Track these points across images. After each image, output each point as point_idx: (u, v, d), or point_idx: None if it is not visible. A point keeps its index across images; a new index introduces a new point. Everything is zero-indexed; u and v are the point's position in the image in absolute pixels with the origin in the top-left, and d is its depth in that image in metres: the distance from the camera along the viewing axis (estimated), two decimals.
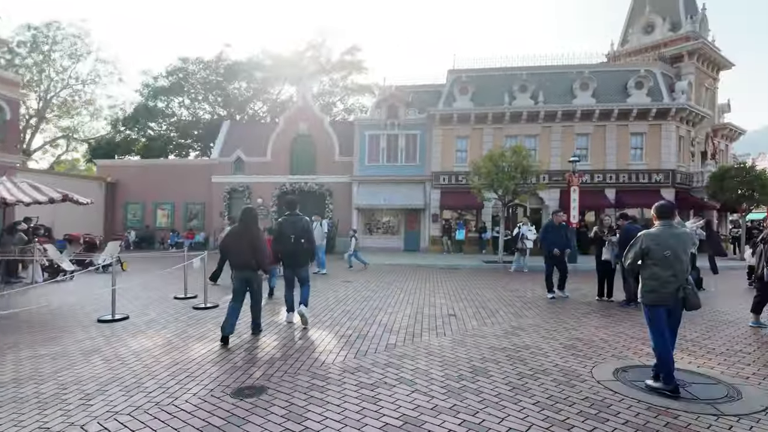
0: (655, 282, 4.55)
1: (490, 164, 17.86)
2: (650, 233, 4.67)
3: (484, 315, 8.24)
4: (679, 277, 4.50)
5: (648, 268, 4.62)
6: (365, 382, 4.69)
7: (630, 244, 4.84)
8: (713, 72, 27.35)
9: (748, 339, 6.61)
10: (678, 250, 4.55)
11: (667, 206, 4.83)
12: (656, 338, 4.58)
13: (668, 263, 4.49)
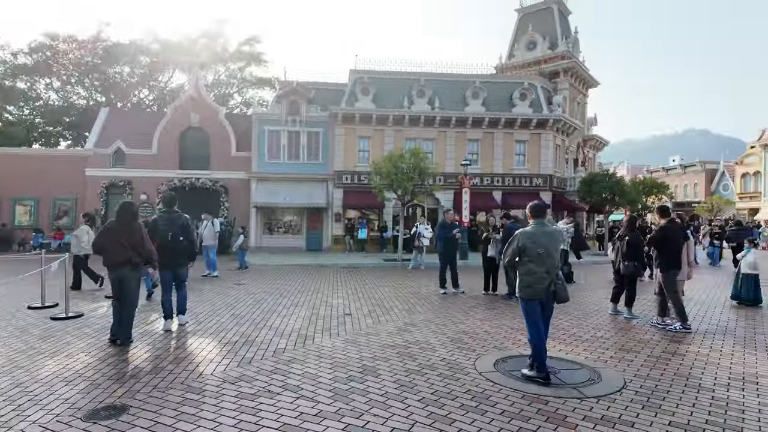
0: (530, 278, 4.86)
1: (390, 165, 18.20)
2: (526, 232, 4.98)
3: (380, 313, 8.27)
4: (551, 272, 4.85)
5: (524, 264, 4.92)
6: (246, 393, 4.36)
7: (508, 242, 5.12)
8: (583, 89, 30.92)
9: (608, 326, 7.43)
10: (550, 248, 4.91)
11: (540, 206, 5.19)
12: (531, 330, 4.90)
13: (542, 260, 4.83)
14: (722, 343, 6.39)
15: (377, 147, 23.67)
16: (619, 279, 8.45)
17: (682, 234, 7.63)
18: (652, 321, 7.57)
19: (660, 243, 7.38)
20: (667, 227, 7.45)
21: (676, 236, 7.44)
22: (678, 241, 7.44)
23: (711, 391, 4.53)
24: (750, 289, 9.18)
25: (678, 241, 7.44)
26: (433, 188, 19.72)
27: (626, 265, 8.03)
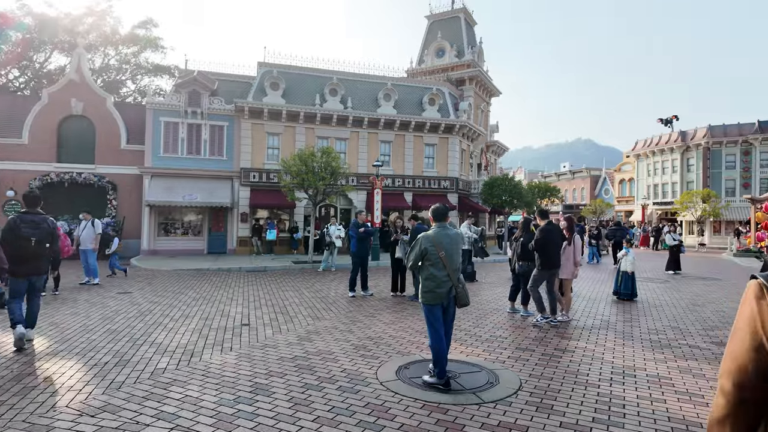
0: (432, 282, 4.75)
1: (300, 163, 17.57)
2: (428, 235, 4.87)
3: (282, 321, 7.76)
4: (452, 276, 4.78)
5: (426, 269, 4.80)
6: (108, 427, 3.68)
7: (411, 246, 4.97)
8: (487, 97, 32.68)
9: (506, 325, 7.68)
10: (452, 251, 4.84)
11: (441, 209, 5.12)
12: (432, 335, 4.79)
13: (443, 264, 4.74)
14: (605, 337, 6.87)
15: (288, 144, 22.83)
16: (515, 278, 8.86)
17: (560, 235, 8.10)
18: (542, 318, 7.96)
19: (541, 244, 7.79)
20: (546, 229, 7.86)
21: (555, 237, 7.85)
22: (556, 241, 7.87)
23: (597, 387, 4.75)
24: (628, 285, 10.14)
25: (556, 241, 7.87)
26: (345, 188, 19.44)
27: (521, 264, 8.43)
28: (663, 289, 11.92)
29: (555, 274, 7.90)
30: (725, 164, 39.05)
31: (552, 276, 7.86)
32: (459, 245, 4.98)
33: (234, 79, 23.69)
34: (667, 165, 43.44)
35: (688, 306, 9.52)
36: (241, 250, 22.22)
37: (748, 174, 38.08)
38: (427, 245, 4.77)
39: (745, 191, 36.79)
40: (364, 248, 10.57)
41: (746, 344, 1.13)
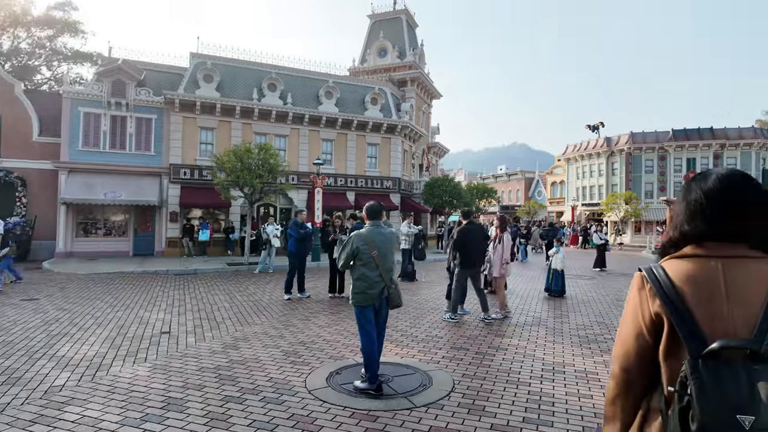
0: (363, 283, 4.54)
1: (235, 160, 16.76)
2: (360, 234, 4.65)
3: (207, 328, 7.22)
4: (385, 277, 4.60)
5: (357, 269, 4.59)
6: None
7: (343, 245, 4.73)
8: (428, 99, 33.14)
9: (442, 323, 7.63)
10: (385, 251, 4.66)
11: (375, 207, 4.92)
12: (364, 338, 4.57)
13: (375, 264, 4.54)
14: (537, 333, 7.00)
15: (223, 140, 21.75)
16: (452, 277, 8.89)
17: (482, 235, 8.18)
18: (480, 316, 8.02)
19: (459, 243, 7.84)
20: (466, 229, 7.91)
21: (474, 237, 7.87)
22: (476, 241, 7.90)
23: (527, 386, 4.75)
24: (558, 282, 10.52)
25: (476, 241, 7.90)
26: (283, 187, 18.80)
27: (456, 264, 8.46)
28: (590, 286, 12.52)
29: (477, 272, 7.96)
30: (644, 169, 42.30)
31: (475, 274, 7.94)
32: (393, 245, 4.81)
33: (164, 70, 22.23)
34: (594, 169, 46.36)
35: (612, 302, 10.01)
36: (170, 251, 20.87)
37: (664, 178, 41.49)
38: (359, 244, 4.55)
39: (662, 194, 40.06)
40: (303, 249, 10.17)
41: (630, 331, 1.23)
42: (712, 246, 1.19)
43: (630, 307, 1.24)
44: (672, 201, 26.40)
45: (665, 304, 1.14)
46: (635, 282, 1.25)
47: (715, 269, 1.15)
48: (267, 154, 17.17)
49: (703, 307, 1.12)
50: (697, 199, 1.22)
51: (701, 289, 1.14)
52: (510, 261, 8.45)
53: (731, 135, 40.02)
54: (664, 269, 1.20)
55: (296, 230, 9.87)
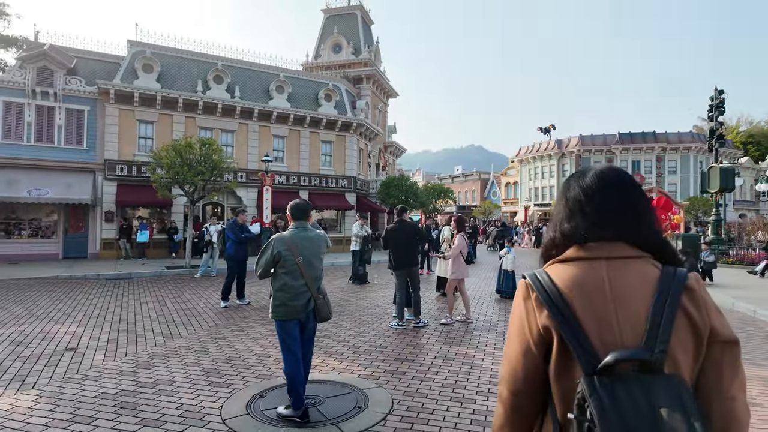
0: (286, 294, 3.95)
1: (175, 155, 15.61)
2: (282, 237, 4.06)
3: (123, 342, 6.38)
4: (312, 286, 4.03)
5: (279, 278, 3.99)
6: None
7: (261, 249, 4.10)
8: (384, 98, 32.75)
9: (389, 331, 7.14)
10: (311, 256, 4.09)
11: (301, 205, 4.34)
12: (287, 358, 3.99)
13: (300, 271, 3.97)
14: (486, 340, 6.64)
15: (164, 134, 20.37)
16: None
17: (413, 235, 7.67)
18: (414, 322, 7.59)
19: (384, 243, 7.52)
20: (392, 228, 7.55)
21: (401, 237, 7.43)
22: (404, 241, 7.48)
23: (473, 402, 4.32)
24: (509, 284, 10.29)
25: (404, 241, 7.48)
26: (228, 185, 17.76)
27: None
28: None
29: (412, 273, 7.54)
30: None
31: (412, 276, 7.54)
32: (321, 249, 4.24)
33: (98, 58, 20.57)
34: (546, 170, 47.65)
35: None
36: (106, 254, 19.32)
37: None
38: (281, 248, 3.95)
39: None
40: (243, 252, 9.40)
41: (516, 349, 1.09)
42: (594, 246, 1.09)
43: (515, 320, 1.12)
44: None
45: (553, 315, 1.02)
46: (520, 291, 1.13)
47: (599, 272, 1.05)
48: (210, 150, 16.12)
49: (590, 315, 1.01)
50: (576, 197, 1.15)
51: (588, 295, 1.03)
52: (467, 262, 8.04)
53: (672, 139, 42.19)
54: (548, 275, 1.09)
55: (235, 231, 9.10)
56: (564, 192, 1.20)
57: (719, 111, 19.70)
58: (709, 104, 20.09)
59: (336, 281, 13.05)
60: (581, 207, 1.13)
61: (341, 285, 12.26)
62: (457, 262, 7.91)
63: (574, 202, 1.15)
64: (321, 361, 5.49)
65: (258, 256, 4.05)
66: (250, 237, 9.25)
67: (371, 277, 13.15)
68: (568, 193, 1.18)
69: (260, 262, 4.01)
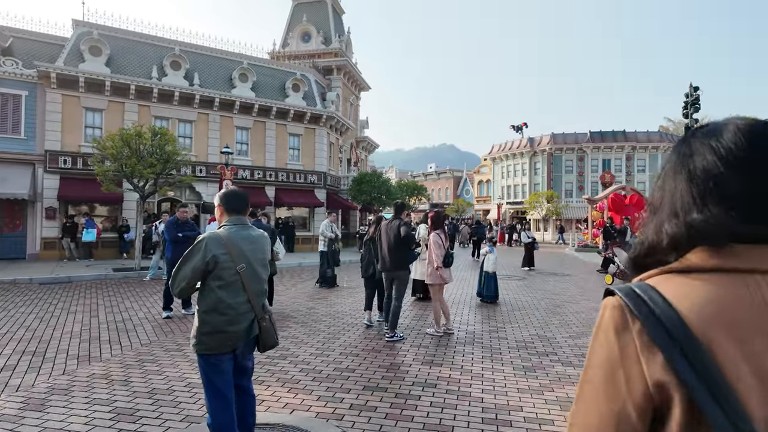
0: (221, 316, 2.83)
1: (122, 145, 14.06)
2: (217, 237, 2.92)
3: (23, 368, 5.08)
4: (256, 304, 2.94)
5: (210, 293, 2.85)
6: None
7: (185, 254, 2.94)
8: (356, 90, 31.58)
9: (359, 346, 6.07)
10: (256, 263, 2.98)
11: (240, 195, 3.23)
12: (215, 405, 2.86)
13: (242, 284, 2.87)
14: (472, 357, 5.66)
15: (114, 124, 18.56)
16: (371, 284, 7.55)
17: (394, 233, 6.78)
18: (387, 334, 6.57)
19: (375, 242, 6.94)
20: (385, 226, 6.88)
21: (393, 236, 6.69)
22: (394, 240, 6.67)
23: None
24: (491, 287, 9.40)
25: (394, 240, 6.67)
26: (183, 179, 16.25)
27: (379, 268, 7.13)
28: (522, 288, 11.65)
29: (396, 278, 6.64)
30: (564, 168, 43.95)
31: (397, 281, 6.63)
32: (266, 254, 3.14)
33: (39, 39, 18.63)
34: (518, 168, 47.54)
35: (549, 307, 9.06)
36: (48, 255, 17.49)
37: (582, 178, 43.35)
38: (216, 251, 2.83)
39: (581, 193, 41.78)
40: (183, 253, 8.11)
41: (601, 412, 0.68)
42: (746, 251, 0.66)
43: (600, 364, 0.68)
44: (593, 200, 27.08)
45: (677, 365, 0.61)
46: (610, 317, 0.69)
47: (758, 294, 0.64)
48: (163, 140, 14.62)
49: (746, 367, 0.60)
50: (710, 169, 0.71)
51: (741, 331, 0.62)
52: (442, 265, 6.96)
53: (641, 138, 42.71)
54: (661, 295, 0.66)
55: (172, 231, 7.83)
56: (682, 160, 0.75)
57: (694, 108, 19.46)
58: (684, 101, 19.86)
59: (301, 284, 11.89)
60: (723, 185, 0.69)
61: (306, 289, 11.11)
62: (431, 266, 6.94)
63: (707, 176, 0.70)
64: (270, 393, 4.38)
65: (178, 263, 2.88)
66: (189, 236, 7.98)
67: (340, 279, 12.05)
68: (693, 163, 0.73)
69: (183, 272, 2.84)
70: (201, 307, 2.87)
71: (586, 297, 10.39)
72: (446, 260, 6.85)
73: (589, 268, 17.00)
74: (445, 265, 6.87)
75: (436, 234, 6.96)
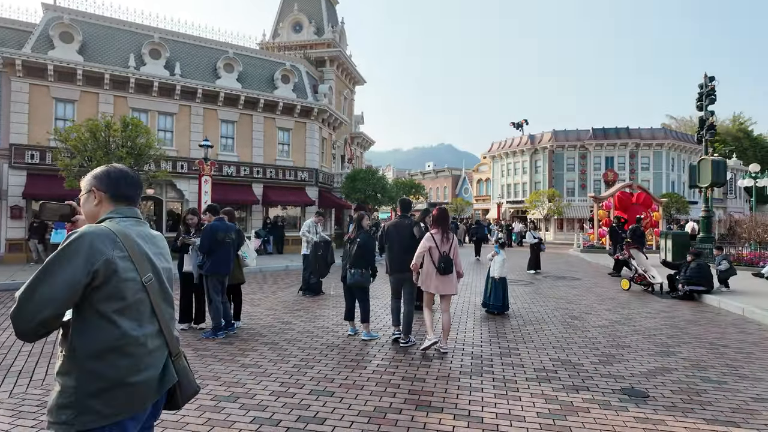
0: (123, 360, 1.67)
1: (87, 137, 12.75)
2: (106, 231, 1.70)
3: None
4: (170, 335, 1.83)
5: (100, 324, 1.67)
6: None
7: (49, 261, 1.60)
8: (350, 84, 30.26)
9: (338, 377, 4.77)
10: (163, 275, 1.85)
11: (130, 177, 1.93)
12: None
13: (151, 305, 1.77)
14: (481, 394, 4.36)
15: (87, 115, 17.00)
16: (349, 291, 6.38)
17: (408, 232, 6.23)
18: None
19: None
20: (392, 225, 6.34)
21: (401, 236, 6.19)
22: (401, 240, 6.18)
23: None
24: (498, 296, 8.12)
25: (401, 240, 6.18)
26: (157, 175, 14.94)
27: (352, 273, 6.21)
28: (531, 295, 10.37)
29: (406, 279, 6.05)
30: (566, 166, 42.73)
31: (405, 283, 6.11)
32: (171, 264, 1.89)
33: (4, 25, 17.24)
34: (519, 166, 46.31)
35: (566, 320, 7.78)
36: (13, 257, 16.14)
37: (584, 176, 42.13)
38: (109, 253, 1.66)
39: (583, 191, 40.56)
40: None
41: None
42: None
43: None
44: (599, 198, 25.83)
45: None
46: None
47: None
48: (134, 131, 13.32)
49: None
50: None
51: None
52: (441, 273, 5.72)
53: (644, 135, 41.52)
54: None
55: None
56: None
57: (710, 99, 18.23)
58: (698, 92, 18.63)
59: (282, 292, 10.58)
60: None
61: (287, 298, 9.80)
62: (423, 270, 5.79)
63: None
64: None
65: (31, 280, 1.59)
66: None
67: (327, 286, 10.73)
68: None
69: (46, 293, 1.57)
70: (83, 350, 1.63)
71: (605, 306, 9.12)
72: (439, 266, 5.67)
73: (598, 271, 15.75)
74: (439, 272, 5.67)
75: (431, 236, 5.79)
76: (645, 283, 11.01)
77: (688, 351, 6.00)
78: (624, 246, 12.76)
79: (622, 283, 11.71)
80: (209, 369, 5.03)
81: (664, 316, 8.27)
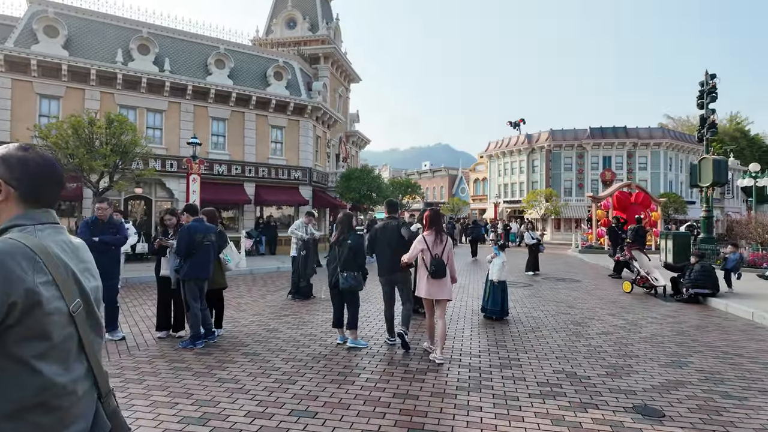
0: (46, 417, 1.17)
1: (70, 133, 12.27)
2: (21, 248, 1.18)
3: None
4: (101, 374, 1.34)
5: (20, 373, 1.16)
6: None
7: None
8: (345, 81, 29.82)
9: (322, 394, 4.34)
10: (91, 295, 1.34)
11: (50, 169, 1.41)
12: None
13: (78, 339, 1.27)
14: (480, 416, 3.94)
15: (73, 112, 16.72)
16: (337, 296, 5.98)
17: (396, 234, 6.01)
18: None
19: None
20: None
21: (389, 237, 6.00)
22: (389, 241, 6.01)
23: None
24: (497, 300, 7.70)
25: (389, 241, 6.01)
26: (142, 173, 14.44)
27: (345, 276, 5.83)
28: (530, 299, 9.97)
29: (398, 281, 6.04)
30: (564, 166, 42.42)
31: (399, 284, 6.08)
32: (99, 279, 1.45)
33: None
34: (516, 166, 45.99)
35: (568, 326, 7.38)
36: None
37: (582, 175, 41.84)
38: (30, 281, 1.15)
39: (580, 191, 40.28)
40: (110, 264, 6.32)
41: None
42: None
43: None
44: (598, 198, 25.49)
45: None
46: None
47: None
48: (119, 128, 12.84)
49: None
50: None
51: None
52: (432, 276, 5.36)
53: (642, 134, 41.26)
54: None
55: (86, 233, 6.08)
56: None
57: (711, 97, 17.91)
58: (699, 90, 18.30)
59: (271, 296, 10.13)
60: None
61: (275, 302, 9.36)
62: (417, 275, 5.58)
63: None
64: None
65: None
66: (107, 241, 6.23)
67: (317, 290, 10.28)
68: None
69: None
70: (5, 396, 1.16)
71: (608, 310, 8.73)
72: (430, 268, 5.33)
73: (598, 272, 15.39)
74: (431, 275, 5.32)
75: (423, 238, 5.45)
76: (648, 285, 10.63)
77: (701, 361, 5.61)
78: (625, 247, 12.39)
79: (623, 286, 11.34)
80: (182, 384, 4.59)
81: (671, 321, 7.88)
